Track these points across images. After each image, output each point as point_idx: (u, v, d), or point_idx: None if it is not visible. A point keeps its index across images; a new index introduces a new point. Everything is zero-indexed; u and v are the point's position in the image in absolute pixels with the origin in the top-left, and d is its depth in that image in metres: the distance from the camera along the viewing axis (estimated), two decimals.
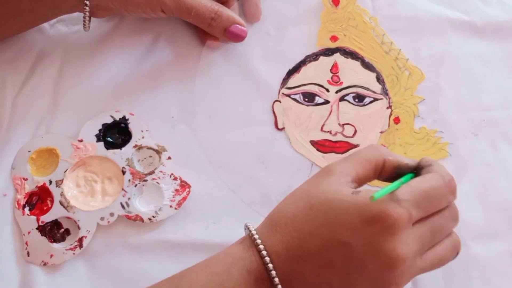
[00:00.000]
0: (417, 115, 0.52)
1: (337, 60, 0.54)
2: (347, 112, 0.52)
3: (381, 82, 0.53)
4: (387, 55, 0.54)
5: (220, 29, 0.52)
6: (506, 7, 0.56)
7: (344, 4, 0.55)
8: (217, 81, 0.53)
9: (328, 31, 0.55)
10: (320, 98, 0.52)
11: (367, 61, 0.54)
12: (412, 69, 0.53)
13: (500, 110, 0.52)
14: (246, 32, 0.52)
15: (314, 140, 0.51)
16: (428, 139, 0.51)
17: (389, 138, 0.51)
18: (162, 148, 0.50)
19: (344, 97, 0.52)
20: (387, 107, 0.52)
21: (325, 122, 0.52)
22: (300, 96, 0.53)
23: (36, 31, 0.54)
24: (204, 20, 0.51)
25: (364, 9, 0.55)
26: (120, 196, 0.49)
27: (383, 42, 0.54)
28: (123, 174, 0.49)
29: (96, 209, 0.48)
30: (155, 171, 0.50)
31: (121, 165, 0.50)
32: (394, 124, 0.52)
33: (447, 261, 0.40)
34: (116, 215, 0.48)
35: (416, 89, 0.53)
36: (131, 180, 0.49)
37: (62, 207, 0.48)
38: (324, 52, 0.54)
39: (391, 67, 0.53)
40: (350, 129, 0.51)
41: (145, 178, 0.49)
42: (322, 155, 0.51)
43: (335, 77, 0.53)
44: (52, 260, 0.47)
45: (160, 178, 0.49)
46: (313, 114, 0.52)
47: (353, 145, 0.51)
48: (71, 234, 0.48)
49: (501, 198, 0.49)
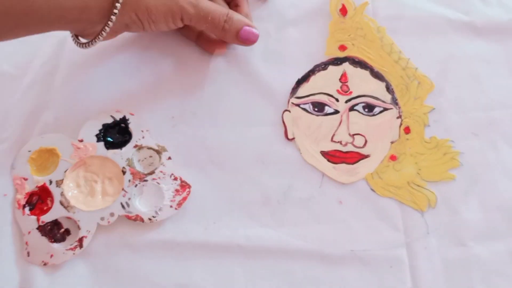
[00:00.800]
0: (427, 125, 0.52)
1: (346, 70, 0.53)
2: (357, 122, 0.51)
3: (390, 92, 0.53)
4: (396, 65, 0.54)
5: (232, 32, 0.51)
6: (506, 7, 0.56)
7: (352, 14, 0.55)
8: (217, 80, 0.53)
9: (337, 40, 0.54)
10: (330, 108, 0.52)
11: (376, 71, 0.53)
12: (421, 78, 0.53)
13: (500, 110, 0.52)
14: (257, 35, 0.52)
15: (325, 150, 0.51)
16: (439, 149, 0.51)
17: (399, 148, 0.51)
18: (163, 148, 0.50)
19: (354, 107, 0.52)
20: (397, 117, 0.52)
21: (335, 132, 0.51)
22: (310, 105, 0.52)
23: None
24: (219, 24, 0.50)
25: (372, 19, 0.55)
26: (120, 196, 0.49)
27: (392, 51, 0.54)
28: (123, 174, 0.49)
29: (96, 209, 0.48)
30: (155, 171, 0.50)
31: (122, 165, 0.50)
32: (404, 134, 0.51)
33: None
34: (116, 215, 0.48)
35: (425, 99, 0.52)
36: (131, 180, 0.49)
37: (62, 207, 0.48)
38: (333, 62, 0.54)
39: (400, 77, 0.53)
40: (360, 139, 0.51)
41: (145, 178, 0.49)
42: (332, 166, 0.50)
43: (344, 87, 0.52)
44: (52, 260, 0.47)
45: (160, 178, 0.49)
46: (323, 124, 0.51)
47: (364, 155, 0.50)
48: (71, 234, 0.48)
49: (501, 198, 0.49)
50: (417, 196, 0.49)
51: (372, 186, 0.49)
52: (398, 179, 0.50)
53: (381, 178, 0.50)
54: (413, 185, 0.49)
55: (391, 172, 0.50)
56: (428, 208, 0.49)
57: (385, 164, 0.50)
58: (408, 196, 0.49)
